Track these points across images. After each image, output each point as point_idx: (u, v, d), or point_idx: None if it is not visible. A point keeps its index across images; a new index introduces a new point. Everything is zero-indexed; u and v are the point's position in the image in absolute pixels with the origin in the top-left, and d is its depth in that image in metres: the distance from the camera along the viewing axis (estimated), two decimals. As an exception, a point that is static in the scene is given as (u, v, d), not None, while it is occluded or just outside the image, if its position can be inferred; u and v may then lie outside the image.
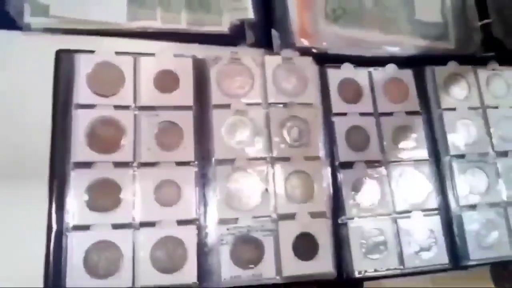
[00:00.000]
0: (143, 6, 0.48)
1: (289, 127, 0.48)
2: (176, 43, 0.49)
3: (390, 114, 0.52)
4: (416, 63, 0.55)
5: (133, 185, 0.43)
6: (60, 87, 0.45)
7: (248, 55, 0.49)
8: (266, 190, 0.45)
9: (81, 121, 0.43)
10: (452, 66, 0.55)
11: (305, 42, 0.51)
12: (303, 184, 0.47)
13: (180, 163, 0.44)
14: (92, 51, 0.45)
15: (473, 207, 0.51)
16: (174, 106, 0.46)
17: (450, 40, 0.56)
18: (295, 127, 0.48)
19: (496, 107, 0.55)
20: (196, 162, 0.45)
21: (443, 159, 0.52)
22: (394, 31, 0.53)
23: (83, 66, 0.44)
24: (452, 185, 0.51)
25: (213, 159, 0.45)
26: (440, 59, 0.55)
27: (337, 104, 0.51)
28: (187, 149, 0.45)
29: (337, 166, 0.49)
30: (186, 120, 0.45)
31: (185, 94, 0.46)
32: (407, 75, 0.54)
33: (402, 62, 0.54)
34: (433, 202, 0.51)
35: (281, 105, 0.48)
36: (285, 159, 0.47)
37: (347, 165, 0.49)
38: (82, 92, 0.44)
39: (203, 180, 0.45)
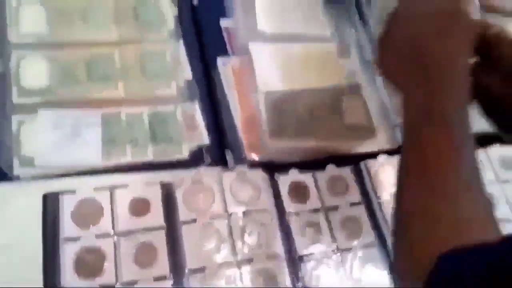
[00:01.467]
0: (115, 146, 0.57)
1: (249, 232, 0.56)
2: (145, 173, 0.57)
3: (335, 207, 0.61)
4: (353, 160, 0.64)
5: (118, 303, 0.49)
6: (48, 224, 0.52)
7: (207, 174, 0.58)
8: (235, 292, 0.52)
9: (67, 253, 0.50)
10: (382, 159, 0.65)
11: (254, 157, 0.60)
12: (267, 281, 0.54)
13: (157, 278, 0.51)
14: (73, 191, 0.53)
15: None
16: (148, 227, 0.53)
17: (378, 138, 0.66)
18: (254, 231, 0.56)
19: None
20: (171, 275, 0.51)
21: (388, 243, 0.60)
22: (328, 137, 0.63)
23: (67, 205, 0.52)
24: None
25: (186, 270, 0.52)
26: (373, 155, 0.65)
27: (288, 205, 0.59)
28: (162, 265, 0.51)
29: (296, 259, 0.56)
30: (159, 239, 0.53)
31: (156, 215, 0.54)
32: (346, 171, 0.63)
33: (340, 161, 0.64)
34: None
35: (240, 214, 0.56)
36: (249, 260, 0.54)
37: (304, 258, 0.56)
38: (67, 227, 0.51)
39: (179, 291, 0.51)
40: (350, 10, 0.76)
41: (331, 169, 0.63)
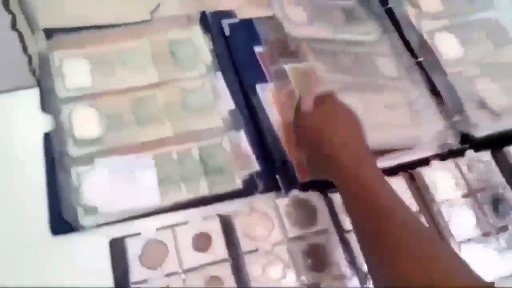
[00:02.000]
0: (170, 184, 0.59)
1: (312, 254, 0.56)
2: (203, 207, 0.58)
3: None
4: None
5: None
6: (117, 268, 0.54)
7: (262, 201, 0.59)
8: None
9: (140, 296, 0.52)
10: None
11: (305, 178, 0.61)
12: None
13: (228, 310, 0.51)
14: (137, 234, 0.55)
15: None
16: (213, 261, 0.54)
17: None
18: (316, 253, 0.56)
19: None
20: (241, 306, 0.52)
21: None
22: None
23: (133, 248, 0.54)
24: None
25: (255, 299, 0.53)
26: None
27: (346, 222, 0.59)
28: (232, 297, 0.52)
29: (364, 277, 0.56)
30: (225, 271, 0.54)
31: (219, 248, 0.55)
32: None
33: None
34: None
35: (300, 238, 0.57)
36: (316, 284, 0.54)
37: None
38: (135, 270, 0.53)
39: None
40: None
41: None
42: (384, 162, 0.63)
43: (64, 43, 0.66)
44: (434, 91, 0.70)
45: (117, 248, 0.55)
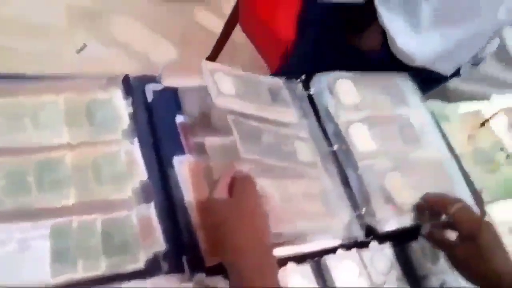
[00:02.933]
0: (66, 260, 0.54)
1: None
2: (99, 287, 0.54)
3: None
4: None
5: None
6: None
7: (164, 285, 0.56)
8: None
9: None
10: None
11: (213, 261, 0.59)
12: None
13: None
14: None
15: None
16: None
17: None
18: None
19: None
20: None
21: None
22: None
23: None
24: None
25: None
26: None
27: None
28: None
29: None
30: None
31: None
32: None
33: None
34: None
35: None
36: None
37: None
38: None
39: None
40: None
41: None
42: (294, 249, 0.64)
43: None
44: (345, 182, 0.72)
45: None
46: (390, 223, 0.69)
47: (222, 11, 2.07)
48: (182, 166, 0.66)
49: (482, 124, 0.91)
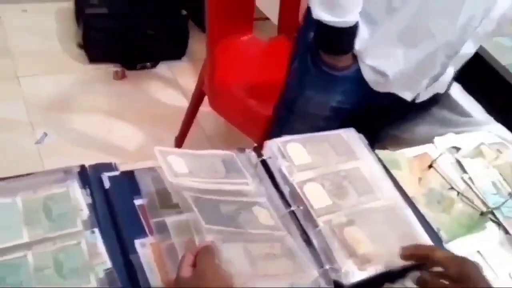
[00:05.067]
0: None
1: None
2: None
3: None
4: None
5: None
6: None
7: None
8: None
9: None
10: None
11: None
12: None
13: None
14: None
15: None
16: None
17: None
18: None
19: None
20: None
21: None
22: None
23: None
24: None
25: None
26: None
27: None
28: None
29: None
30: None
31: None
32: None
33: None
34: None
35: None
36: None
37: None
38: None
39: None
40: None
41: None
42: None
43: None
44: (307, 240, 0.74)
45: None
46: (355, 275, 0.70)
47: (180, 82, 2.14)
48: (145, 249, 0.67)
49: (430, 166, 0.96)
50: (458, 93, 1.23)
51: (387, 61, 1.01)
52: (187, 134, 1.78)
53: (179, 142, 1.78)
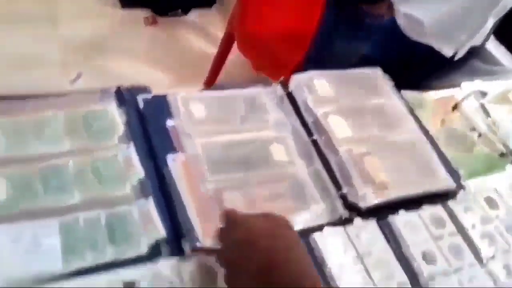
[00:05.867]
0: (75, 252, 0.60)
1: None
2: (106, 273, 0.59)
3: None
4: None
5: None
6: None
7: (166, 266, 0.61)
8: None
9: None
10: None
11: (209, 243, 0.64)
12: None
13: None
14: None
15: None
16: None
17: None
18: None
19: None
20: None
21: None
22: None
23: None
24: None
25: None
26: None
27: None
28: None
29: None
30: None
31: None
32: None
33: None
34: None
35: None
36: None
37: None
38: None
39: None
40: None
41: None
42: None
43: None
44: (327, 167, 0.78)
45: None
46: (371, 199, 0.74)
47: (210, 30, 2.17)
48: (175, 163, 0.72)
49: (454, 108, 0.97)
50: (490, 42, 1.22)
51: (423, 9, 0.98)
52: (215, 81, 1.82)
53: (207, 88, 1.82)
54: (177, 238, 0.65)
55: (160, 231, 0.65)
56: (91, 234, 0.62)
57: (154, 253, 0.63)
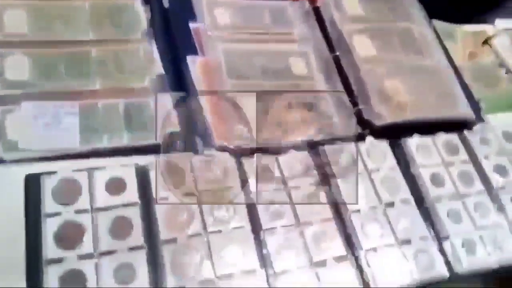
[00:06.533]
0: (92, 133, 0.62)
1: (218, 207, 0.61)
2: (121, 157, 0.62)
3: (297, 187, 0.66)
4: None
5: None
6: (31, 203, 0.56)
7: (179, 157, 0.63)
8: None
9: (49, 227, 0.54)
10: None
11: (223, 143, 0.66)
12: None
13: (132, 248, 0.55)
14: (54, 172, 0.58)
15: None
16: (122, 204, 0.58)
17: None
18: (222, 206, 0.61)
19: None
20: (146, 245, 0.56)
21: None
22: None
23: (48, 184, 0.57)
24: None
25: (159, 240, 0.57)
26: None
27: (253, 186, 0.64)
28: (137, 236, 0.56)
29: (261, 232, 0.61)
30: (134, 214, 0.58)
31: (131, 194, 0.59)
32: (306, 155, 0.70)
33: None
34: None
35: (209, 192, 0.62)
36: (218, 232, 0.59)
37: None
38: (48, 204, 0.56)
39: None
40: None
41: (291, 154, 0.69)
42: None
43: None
44: (346, 84, 0.77)
45: (33, 184, 0.57)
46: (386, 118, 0.74)
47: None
48: (195, 64, 0.72)
49: (484, 42, 0.94)
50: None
51: None
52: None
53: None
54: (191, 133, 0.66)
55: (175, 125, 0.66)
56: (109, 119, 0.64)
57: (168, 145, 0.65)
